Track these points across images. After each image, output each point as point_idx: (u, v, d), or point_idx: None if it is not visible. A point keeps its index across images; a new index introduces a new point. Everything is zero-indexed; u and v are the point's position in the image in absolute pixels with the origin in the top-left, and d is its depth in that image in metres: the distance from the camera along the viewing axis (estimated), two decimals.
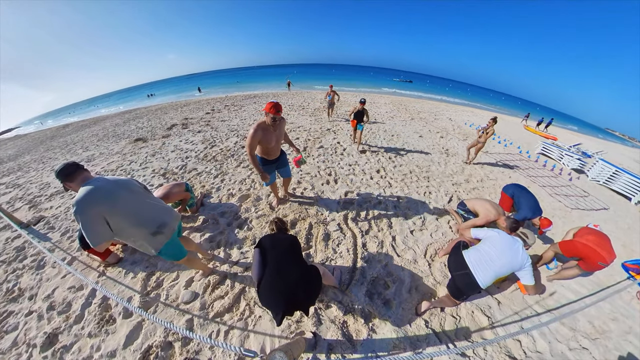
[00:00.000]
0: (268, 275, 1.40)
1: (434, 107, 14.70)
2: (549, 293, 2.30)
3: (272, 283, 1.37)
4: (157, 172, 4.35)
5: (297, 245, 1.59)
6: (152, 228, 1.48)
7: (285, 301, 1.33)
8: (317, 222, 2.96)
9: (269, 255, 1.48)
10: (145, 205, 1.50)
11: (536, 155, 6.86)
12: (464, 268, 1.71)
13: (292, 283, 1.36)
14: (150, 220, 1.48)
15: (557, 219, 3.57)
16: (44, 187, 4.21)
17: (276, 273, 1.39)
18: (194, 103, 13.70)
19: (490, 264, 1.66)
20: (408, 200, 3.55)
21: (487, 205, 2.58)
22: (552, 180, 5.11)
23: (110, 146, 6.35)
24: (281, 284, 1.35)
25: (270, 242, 1.54)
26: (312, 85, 27.94)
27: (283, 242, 1.55)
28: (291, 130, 7.08)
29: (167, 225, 1.56)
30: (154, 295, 2.03)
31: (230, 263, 2.34)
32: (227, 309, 1.92)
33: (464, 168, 4.96)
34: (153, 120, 9.64)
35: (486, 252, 1.72)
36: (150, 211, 1.51)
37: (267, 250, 1.50)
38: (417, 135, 7.19)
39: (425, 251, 2.60)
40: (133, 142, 6.40)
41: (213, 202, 3.35)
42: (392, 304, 2.01)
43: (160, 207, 1.60)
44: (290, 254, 1.50)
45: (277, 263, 1.43)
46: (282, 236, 1.60)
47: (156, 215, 1.53)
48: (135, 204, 1.45)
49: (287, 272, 1.40)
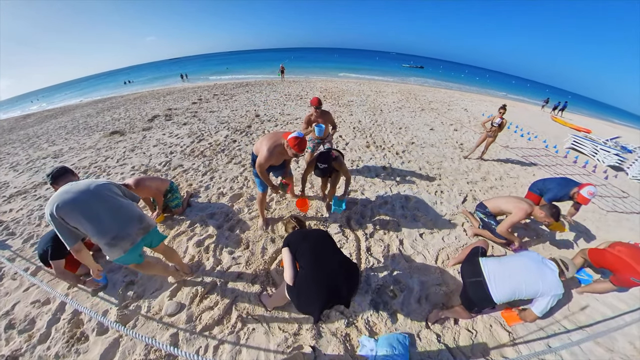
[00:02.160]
0: (306, 268, 1.43)
1: (448, 96, 14.66)
2: (579, 307, 2.22)
3: (312, 274, 1.39)
4: (137, 169, 4.35)
5: (330, 236, 1.66)
6: (106, 239, 1.51)
7: (328, 292, 1.35)
8: (316, 223, 2.96)
9: (302, 247, 1.52)
10: (107, 213, 1.53)
11: (565, 150, 6.72)
12: (478, 275, 1.70)
13: (334, 272, 1.39)
14: (107, 230, 1.51)
15: (590, 223, 3.44)
16: (2, 187, 4.12)
17: (316, 263, 1.42)
18: (178, 91, 13.63)
19: (510, 278, 1.61)
20: (417, 200, 3.55)
21: (514, 200, 2.50)
22: (584, 179, 5.00)
23: (82, 140, 6.31)
24: (322, 275, 1.38)
25: (301, 236, 1.59)
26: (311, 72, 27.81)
27: (314, 232, 1.61)
28: (288, 122, 7.07)
29: (126, 238, 1.57)
30: (134, 308, 2.02)
31: (220, 270, 2.34)
32: (216, 322, 1.92)
33: (480, 165, 4.95)
34: (131, 110, 9.60)
35: (508, 264, 1.69)
36: (110, 220, 1.53)
37: (299, 243, 1.55)
38: (427, 128, 7.18)
39: (436, 256, 2.61)
40: (108, 136, 6.38)
41: (201, 202, 3.35)
42: (399, 314, 2.02)
43: (126, 216, 1.60)
44: (327, 243, 1.56)
45: (314, 254, 1.47)
46: (311, 229, 1.68)
47: (115, 225, 1.54)
48: (95, 210, 1.50)
49: (327, 260, 1.43)
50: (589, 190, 2.51)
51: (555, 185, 2.75)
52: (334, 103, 9.76)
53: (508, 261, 1.73)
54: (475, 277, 1.71)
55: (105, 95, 19.02)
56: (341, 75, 25.87)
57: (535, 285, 1.58)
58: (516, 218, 2.40)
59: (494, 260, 1.76)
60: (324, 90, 12.92)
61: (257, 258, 2.48)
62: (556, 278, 1.59)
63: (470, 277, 1.74)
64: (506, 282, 1.60)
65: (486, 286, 1.62)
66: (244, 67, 37.51)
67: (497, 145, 6.25)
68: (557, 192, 2.69)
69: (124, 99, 13.21)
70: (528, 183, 4.00)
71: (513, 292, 1.58)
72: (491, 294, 1.60)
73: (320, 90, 12.65)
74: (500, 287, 1.60)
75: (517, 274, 1.62)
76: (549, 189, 2.78)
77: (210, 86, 15.19)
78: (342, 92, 12.59)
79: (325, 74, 25.59)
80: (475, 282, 1.69)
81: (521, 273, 1.62)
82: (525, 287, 1.58)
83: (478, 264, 1.75)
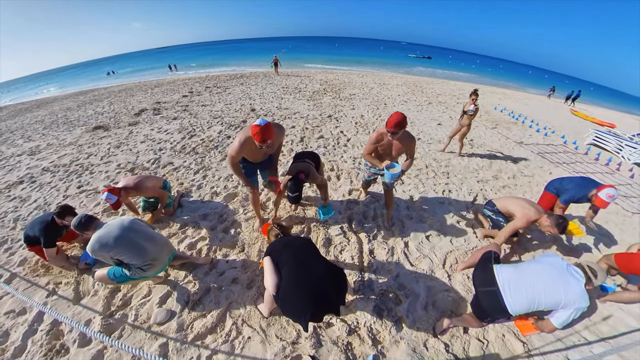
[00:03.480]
0: (289, 274, 1.45)
1: (457, 88, 14.65)
2: (602, 317, 2.17)
3: (296, 280, 1.42)
4: (123, 168, 4.35)
5: (313, 244, 1.71)
6: (147, 260, 1.94)
7: (316, 298, 1.37)
8: (316, 224, 2.96)
9: (285, 255, 1.54)
10: (145, 241, 1.97)
11: (586, 146, 6.62)
12: (491, 284, 1.66)
13: (320, 277, 1.42)
14: (148, 254, 1.94)
15: (613, 226, 3.38)
16: None
17: (299, 269, 1.44)
18: (167, 83, 13.61)
19: (528, 287, 1.56)
20: (423, 200, 3.56)
21: (523, 203, 2.52)
22: (607, 178, 4.96)
23: (62, 135, 6.29)
24: (308, 280, 1.40)
25: (283, 243, 1.63)
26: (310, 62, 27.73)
27: (297, 240, 1.66)
28: (286, 117, 7.06)
29: (160, 258, 2.04)
30: (120, 316, 2.03)
31: (214, 274, 2.35)
32: (209, 330, 1.93)
33: (492, 162, 4.96)
34: (116, 103, 9.58)
35: (526, 271, 1.65)
36: (149, 246, 1.98)
37: (282, 251, 1.57)
38: (435, 123, 7.18)
39: (444, 260, 2.62)
40: (91, 131, 6.37)
41: (193, 202, 3.36)
42: (404, 322, 2.03)
43: (160, 242, 2.09)
44: (310, 250, 1.60)
45: (297, 260, 1.49)
46: (294, 237, 1.73)
47: (154, 250, 1.99)
48: (136, 240, 1.92)
49: (311, 267, 1.46)
50: (608, 193, 2.46)
51: (574, 186, 2.73)
52: (334, 96, 9.75)
53: (526, 267, 1.70)
54: (488, 287, 1.67)
55: (86, 87, 18.85)
56: (342, 66, 25.82)
57: (557, 296, 1.51)
58: (518, 225, 2.40)
59: (509, 267, 1.73)
60: (324, 82, 12.91)
61: (253, 261, 2.49)
62: (582, 288, 1.50)
63: (483, 286, 1.71)
64: (523, 292, 1.56)
65: (500, 296, 1.58)
66: (238, 58, 37.43)
67: (510, 141, 6.26)
68: (575, 193, 2.66)
69: (108, 92, 13.15)
70: (544, 182, 3.98)
71: (531, 303, 1.54)
72: (506, 305, 1.56)
73: (320, 83, 12.64)
74: (516, 297, 1.56)
75: (536, 283, 1.57)
76: (566, 190, 2.76)
77: (202, 78, 15.16)
78: (343, 84, 12.58)
79: (325, 65, 25.55)
80: (489, 292, 1.66)
81: (541, 281, 1.57)
82: (545, 297, 1.52)
83: (491, 271, 1.73)
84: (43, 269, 2.46)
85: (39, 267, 2.48)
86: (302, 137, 5.56)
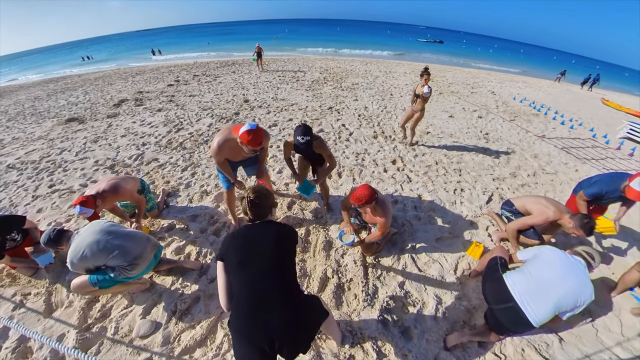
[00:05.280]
0: (235, 308, 1.24)
1: (472, 76, 14.64)
2: (636, 332, 2.14)
3: (238, 326, 1.21)
4: (101, 165, 4.35)
5: (289, 241, 1.36)
6: (129, 260, 1.93)
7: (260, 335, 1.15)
8: (315, 226, 2.98)
9: (235, 267, 1.27)
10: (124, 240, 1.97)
11: (619, 140, 6.49)
12: (507, 300, 1.64)
13: (273, 329, 1.16)
14: (129, 252, 1.94)
15: None
16: None
17: (248, 305, 1.20)
18: (151, 71, 13.59)
19: (549, 293, 1.56)
20: (433, 200, 3.57)
21: (542, 201, 2.52)
22: None
23: (29, 128, 6.26)
24: (254, 330, 1.17)
25: (241, 240, 1.32)
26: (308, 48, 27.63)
27: (262, 242, 1.30)
28: (283, 108, 7.06)
29: (143, 256, 2.01)
30: (98, 330, 2.02)
31: (204, 281, 2.36)
32: (198, 343, 1.94)
33: (509, 158, 4.97)
34: (92, 93, 9.56)
35: (540, 276, 1.66)
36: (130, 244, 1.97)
37: (233, 257, 1.28)
38: (446, 115, 7.19)
39: (455, 266, 2.63)
40: (64, 124, 6.35)
41: (181, 202, 3.37)
42: (412, 333, 2.05)
43: (140, 239, 2.07)
44: (273, 252, 1.27)
45: (249, 287, 1.22)
46: (261, 230, 1.34)
47: (135, 248, 1.98)
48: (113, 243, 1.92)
49: (266, 306, 1.19)
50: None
51: (602, 177, 2.66)
52: (336, 86, 9.74)
53: (538, 270, 1.70)
54: (504, 303, 1.65)
55: (58, 74, 18.68)
56: (344, 52, 25.73)
57: (576, 295, 1.55)
58: (530, 221, 2.43)
59: (520, 275, 1.72)
60: (324, 70, 12.89)
61: None
62: (589, 282, 1.58)
63: (499, 303, 1.69)
64: (547, 300, 1.56)
65: (521, 312, 1.57)
66: (229, 42, 37.25)
67: (530, 135, 6.26)
68: (603, 187, 2.57)
69: (83, 79, 13.09)
70: (568, 180, 3.96)
71: (556, 308, 1.55)
72: (529, 319, 1.55)
73: (320, 71, 12.61)
74: (539, 307, 1.55)
75: (557, 285, 1.58)
76: (593, 182, 2.68)
77: (189, 65, 15.12)
78: (345, 72, 12.55)
79: (325, 51, 25.46)
80: (507, 309, 1.64)
81: (561, 282, 1.59)
82: (567, 299, 1.55)
83: (503, 283, 1.71)
84: (9, 278, 2.43)
85: (4, 276, 2.44)
86: None
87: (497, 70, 21.33)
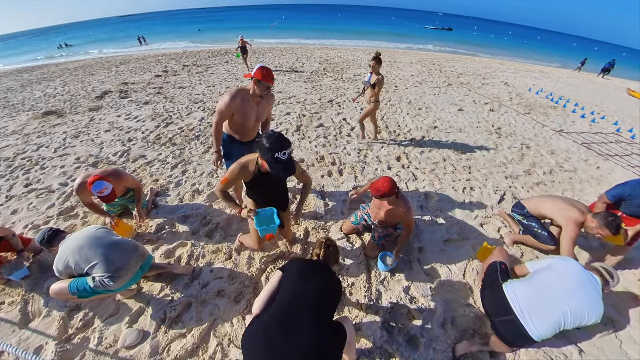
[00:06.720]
0: (270, 314, 1.41)
1: (483, 66, 14.64)
2: None
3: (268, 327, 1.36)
4: (84, 162, 4.35)
5: (332, 295, 1.57)
6: (111, 272, 1.93)
7: None
8: (315, 227, 2.99)
9: (285, 286, 1.52)
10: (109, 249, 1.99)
11: None
12: (506, 312, 1.63)
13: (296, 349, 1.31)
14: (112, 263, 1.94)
15: None
16: None
17: (279, 331, 1.35)
18: (136, 60, 13.56)
19: (553, 307, 1.55)
20: (440, 199, 3.59)
21: (560, 204, 2.45)
22: None
23: (2, 122, 6.19)
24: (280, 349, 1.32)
25: (300, 272, 1.57)
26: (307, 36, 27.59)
27: (316, 278, 1.56)
28: (280, 102, 7.06)
29: (125, 268, 2.00)
30: (80, 341, 2.01)
31: (196, 286, 2.37)
32: (190, 353, 1.94)
33: (523, 155, 4.98)
34: (72, 84, 9.52)
35: (546, 287, 1.65)
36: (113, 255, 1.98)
37: (290, 280, 1.54)
38: (455, 109, 7.20)
39: (464, 270, 2.65)
40: (41, 117, 6.31)
41: (171, 202, 3.37)
42: (419, 342, 2.06)
43: (126, 249, 2.07)
44: (312, 309, 1.45)
45: (284, 315, 1.41)
46: (318, 275, 1.59)
47: (118, 258, 1.98)
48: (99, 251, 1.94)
49: (298, 325, 1.37)
50: None
51: (630, 181, 2.57)
52: (336, 77, 9.75)
53: (543, 282, 1.68)
54: (503, 316, 1.65)
55: (33, 63, 18.43)
56: (346, 41, 25.69)
57: (583, 311, 1.52)
58: (573, 234, 2.27)
59: (523, 286, 1.71)
60: (324, 60, 12.88)
61: (242, 271, 2.51)
62: (600, 300, 1.54)
63: (498, 316, 1.69)
64: (550, 314, 1.55)
65: (521, 325, 1.57)
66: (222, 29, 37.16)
67: (547, 130, 6.27)
68: (627, 189, 2.50)
69: (61, 69, 12.97)
70: (589, 178, 3.94)
71: (558, 325, 1.54)
72: (529, 334, 1.55)
73: (320, 61, 12.61)
74: (540, 322, 1.55)
75: (562, 301, 1.56)
76: (618, 185, 2.63)
77: (179, 54, 15.11)
78: (346, 63, 12.55)
79: (325, 40, 25.40)
80: (506, 322, 1.64)
81: (568, 295, 1.57)
82: (574, 315, 1.53)
83: (502, 294, 1.70)
84: None
85: None
86: (299, 126, 5.57)
87: (511, 60, 21.26)
